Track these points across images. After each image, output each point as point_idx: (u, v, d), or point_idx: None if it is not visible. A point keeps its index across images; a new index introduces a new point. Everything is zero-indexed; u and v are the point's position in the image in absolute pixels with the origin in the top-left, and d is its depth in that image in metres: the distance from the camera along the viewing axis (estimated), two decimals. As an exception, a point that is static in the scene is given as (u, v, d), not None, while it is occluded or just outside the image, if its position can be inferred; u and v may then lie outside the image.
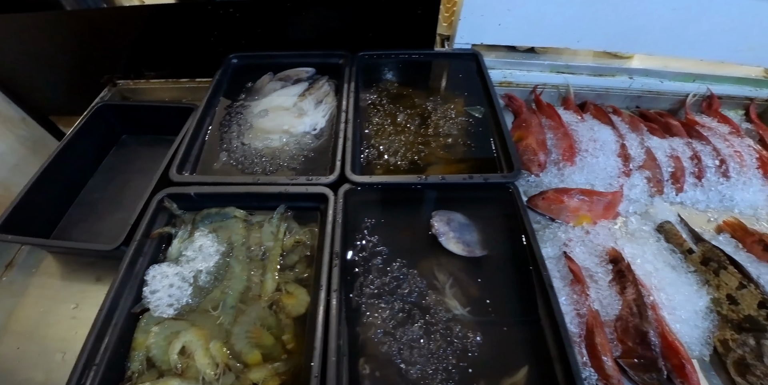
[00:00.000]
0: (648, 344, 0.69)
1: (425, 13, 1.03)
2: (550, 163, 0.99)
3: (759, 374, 0.70)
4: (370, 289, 0.67)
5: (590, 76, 1.15)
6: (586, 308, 0.73)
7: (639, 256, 0.84)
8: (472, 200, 0.79)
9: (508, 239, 0.74)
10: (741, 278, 0.79)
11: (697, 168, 1.00)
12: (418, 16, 1.04)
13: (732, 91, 1.21)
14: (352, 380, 0.60)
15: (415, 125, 0.92)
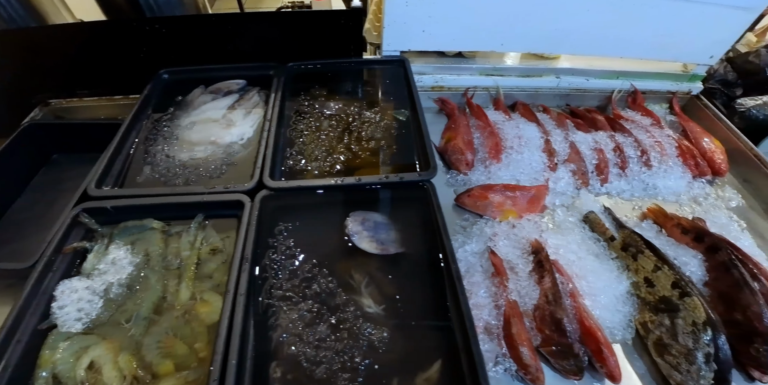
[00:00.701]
0: (563, 331, 0.70)
1: (351, 23, 1.07)
2: (477, 162, 1.01)
3: (675, 353, 0.72)
4: (282, 292, 0.67)
5: (519, 77, 1.20)
6: (503, 299, 0.74)
7: (562, 246, 0.86)
8: (390, 200, 0.81)
9: (424, 236, 0.75)
10: (656, 260, 0.81)
11: (620, 159, 1.04)
12: (345, 26, 1.07)
13: (654, 86, 1.27)
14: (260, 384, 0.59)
15: (341, 131, 0.94)
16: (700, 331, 0.71)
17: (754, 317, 0.75)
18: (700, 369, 0.69)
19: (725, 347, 0.72)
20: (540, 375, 0.68)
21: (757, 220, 1.04)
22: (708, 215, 1.01)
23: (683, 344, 0.71)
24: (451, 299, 0.65)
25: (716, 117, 1.21)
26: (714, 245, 0.85)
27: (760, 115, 1.20)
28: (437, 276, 0.69)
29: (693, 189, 1.06)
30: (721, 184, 1.10)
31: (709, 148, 1.11)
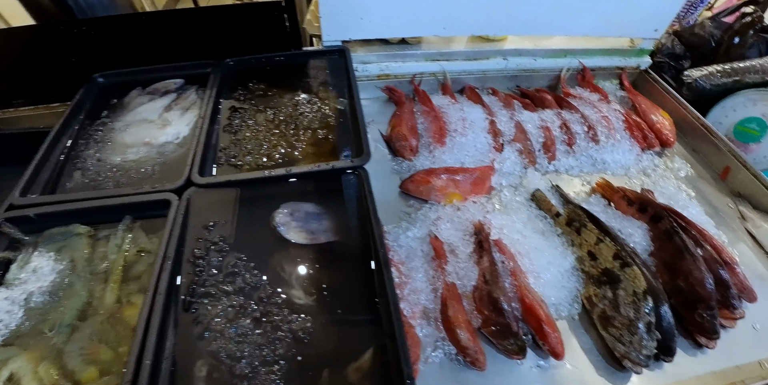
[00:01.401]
0: (501, 310, 0.68)
1: (288, 15, 1.05)
2: (422, 147, 1.00)
3: (618, 324, 0.71)
4: (206, 289, 0.65)
5: (466, 61, 1.19)
6: (441, 282, 0.73)
7: (507, 226, 0.85)
8: (323, 189, 0.79)
9: (358, 224, 0.74)
10: (598, 233, 0.80)
11: (567, 136, 1.03)
12: (282, 19, 1.05)
13: (603, 63, 1.27)
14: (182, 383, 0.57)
15: (278, 124, 0.92)
16: (640, 300, 0.70)
17: (696, 283, 0.75)
18: (642, 339, 0.68)
19: (668, 316, 0.72)
20: (479, 357, 0.66)
21: (706, 187, 1.04)
22: (657, 186, 1.01)
23: (625, 314, 0.70)
24: (378, 286, 0.63)
25: (664, 90, 1.21)
26: (657, 215, 0.84)
27: (706, 85, 1.20)
28: (368, 263, 0.68)
29: (642, 161, 1.06)
30: (670, 155, 1.10)
31: (657, 121, 1.11)
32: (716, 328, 0.73)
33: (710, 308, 0.73)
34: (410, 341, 0.67)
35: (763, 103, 1.11)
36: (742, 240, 0.94)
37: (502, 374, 0.69)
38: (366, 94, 1.18)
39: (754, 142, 1.13)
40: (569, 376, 0.70)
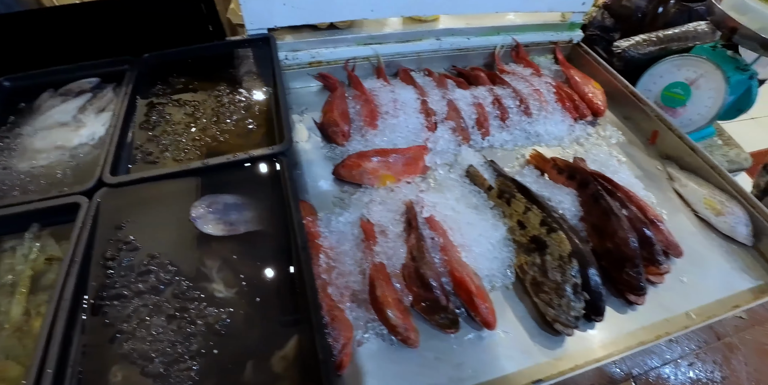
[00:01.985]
0: (428, 285, 0.68)
1: (205, 5, 1.01)
2: (354, 132, 0.98)
3: (547, 289, 0.72)
4: (120, 290, 0.61)
5: (398, 43, 1.17)
6: (369, 263, 0.72)
7: (440, 203, 0.85)
8: (244, 179, 0.76)
9: (280, 211, 0.72)
10: (526, 202, 0.81)
11: (499, 111, 1.04)
12: (200, 10, 1.01)
13: (537, 38, 1.28)
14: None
15: (200, 117, 0.89)
16: (566, 263, 0.71)
17: (621, 242, 0.76)
18: (570, 301, 0.69)
19: (594, 277, 0.73)
20: (411, 334, 0.66)
21: (636, 152, 1.07)
22: (589, 153, 1.02)
23: (553, 279, 0.71)
24: (296, 271, 0.62)
25: (596, 61, 1.24)
26: (584, 180, 0.86)
27: (634, 54, 1.23)
28: (289, 251, 0.66)
29: (575, 131, 1.08)
30: (602, 124, 1.13)
31: (588, 91, 1.13)
32: (643, 284, 0.76)
33: (636, 265, 0.75)
34: (340, 324, 0.66)
35: (686, 68, 1.14)
36: (670, 199, 0.98)
37: (437, 350, 0.69)
38: (300, 83, 1.15)
39: (680, 107, 1.17)
40: (504, 344, 0.71)
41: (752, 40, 0.99)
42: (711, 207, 0.93)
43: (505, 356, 0.69)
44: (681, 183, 0.99)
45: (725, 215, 0.91)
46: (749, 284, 0.85)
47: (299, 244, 0.63)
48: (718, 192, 0.95)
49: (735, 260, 0.89)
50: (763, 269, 0.88)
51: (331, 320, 0.66)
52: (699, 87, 1.12)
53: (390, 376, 0.67)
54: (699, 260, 0.87)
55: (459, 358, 0.69)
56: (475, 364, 0.68)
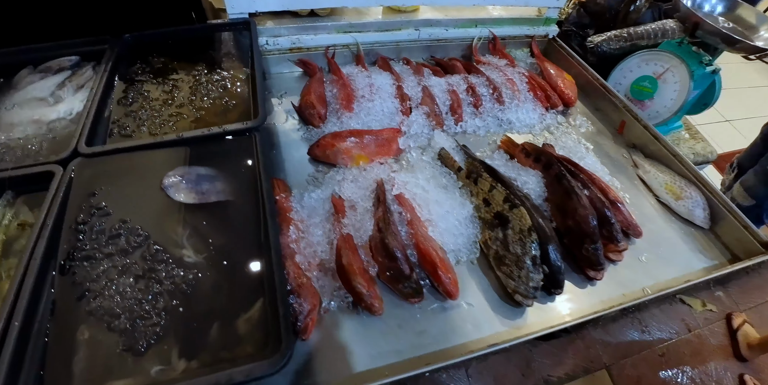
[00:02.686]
0: (392, 254, 0.71)
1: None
2: (331, 114, 1.01)
3: (508, 262, 0.75)
4: (90, 253, 0.63)
5: (378, 32, 1.20)
6: (337, 234, 0.74)
7: (411, 182, 0.87)
8: (217, 153, 0.78)
9: (250, 183, 0.74)
10: (492, 181, 0.84)
11: (473, 98, 1.07)
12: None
13: (513, 32, 1.32)
14: (61, 349, 0.55)
15: (178, 95, 0.90)
16: (525, 237, 0.74)
17: (581, 220, 0.80)
18: (529, 272, 0.72)
19: (554, 251, 0.76)
20: (374, 302, 0.68)
21: (605, 141, 1.11)
22: (558, 141, 1.06)
23: (513, 252, 0.74)
24: (264, 238, 0.64)
25: (569, 55, 1.28)
26: (548, 162, 0.89)
27: (606, 49, 1.28)
28: (258, 220, 0.68)
29: (546, 120, 1.12)
30: (573, 114, 1.17)
31: (560, 83, 1.17)
32: (600, 260, 0.79)
33: (594, 242, 0.79)
34: (306, 292, 0.68)
35: (653, 63, 1.19)
36: (633, 185, 1.02)
37: (401, 318, 0.72)
38: (281, 68, 1.17)
39: (648, 99, 1.22)
40: (466, 314, 0.74)
41: (714, 35, 1.05)
42: (671, 192, 0.98)
43: (466, 326, 0.72)
44: (644, 169, 1.03)
45: (684, 199, 0.96)
46: (704, 264, 0.90)
47: (267, 212, 0.65)
48: (679, 178, 0.99)
49: (692, 242, 0.93)
50: (719, 250, 0.93)
51: (297, 287, 0.68)
52: (665, 81, 1.17)
53: (354, 342, 0.69)
54: (658, 240, 0.92)
55: (421, 326, 0.71)
56: (437, 332, 0.71)
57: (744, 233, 0.90)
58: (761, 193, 1.32)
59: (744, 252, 0.91)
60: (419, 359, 0.67)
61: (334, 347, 0.68)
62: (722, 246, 0.94)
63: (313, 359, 0.67)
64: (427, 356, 0.68)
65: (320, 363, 0.66)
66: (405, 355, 0.68)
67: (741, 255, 0.92)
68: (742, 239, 0.91)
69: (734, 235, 0.92)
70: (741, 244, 0.91)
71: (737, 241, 0.92)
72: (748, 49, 1.03)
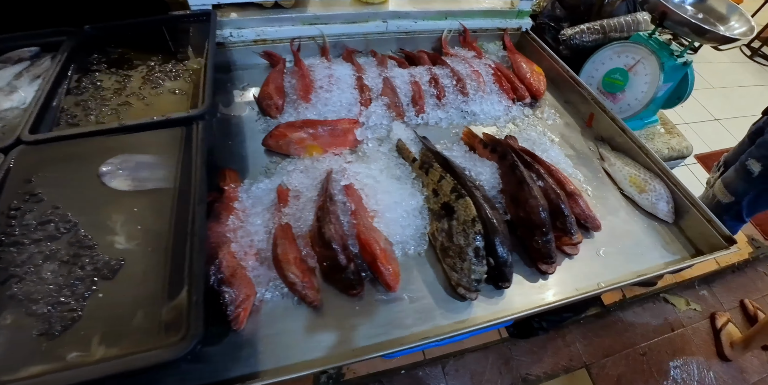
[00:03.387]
0: (329, 244, 0.69)
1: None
2: (289, 105, 1.00)
3: (451, 253, 0.73)
4: (18, 238, 0.62)
5: (344, 24, 1.19)
6: (276, 223, 0.73)
7: (362, 173, 0.86)
8: (162, 140, 0.77)
9: (190, 171, 0.72)
10: (441, 171, 0.82)
11: (436, 89, 1.06)
12: (144, -16, 1.03)
13: (485, 24, 1.30)
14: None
15: (130, 85, 0.90)
16: (469, 227, 0.72)
17: (531, 210, 0.78)
18: (471, 264, 0.70)
19: (500, 243, 0.74)
20: (309, 293, 0.67)
21: (573, 134, 1.09)
22: (523, 133, 1.04)
23: (457, 243, 0.72)
24: (191, 225, 0.63)
25: (541, 48, 1.26)
26: (503, 152, 0.87)
27: (578, 41, 1.26)
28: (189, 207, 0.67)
29: (512, 112, 1.09)
30: (542, 107, 1.15)
31: (528, 75, 1.15)
32: (551, 253, 0.77)
33: (545, 234, 0.77)
34: (240, 281, 0.67)
35: (625, 55, 1.17)
36: (598, 178, 0.99)
37: (339, 311, 0.70)
38: (247, 61, 1.17)
39: (619, 92, 1.19)
40: (407, 307, 0.72)
41: (682, 25, 1.02)
42: (635, 185, 0.95)
43: (406, 319, 0.70)
44: (609, 162, 1.01)
45: (648, 192, 0.93)
46: (665, 258, 0.87)
47: (196, 199, 0.64)
48: (644, 171, 0.97)
49: (655, 235, 0.90)
50: (682, 244, 0.90)
51: (230, 277, 0.66)
52: (636, 73, 1.15)
53: (290, 334, 0.67)
54: (619, 234, 0.89)
55: (359, 319, 0.69)
56: (374, 326, 0.69)
57: (707, 227, 0.88)
58: (740, 189, 1.29)
59: (707, 246, 0.88)
60: (352, 352, 0.65)
61: (269, 337, 0.67)
62: (686, 240, 0.91)
63: (248, 349, 0.66)
64: (360, 349, 0.66)
65: (254, 353, 0.65)
66: (338, 347, 0.66)
67: (704, 249, 0.89)
68: (706, 233, 0.88)
69: (698, 229, 0.90)
70: (704, 238, 0.88)
71: (701, 235, 0.89)
72: (718, 39, 1.00)
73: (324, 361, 0.63)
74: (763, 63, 3.50)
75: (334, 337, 0.67)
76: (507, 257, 0.74)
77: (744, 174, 1.27)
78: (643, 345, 1.83)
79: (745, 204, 1.30)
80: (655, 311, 1.96)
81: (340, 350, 0.66)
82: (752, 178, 1.24)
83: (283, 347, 0.66)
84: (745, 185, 1.27)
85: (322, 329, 0.68)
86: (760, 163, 1.19)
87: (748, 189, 1.27)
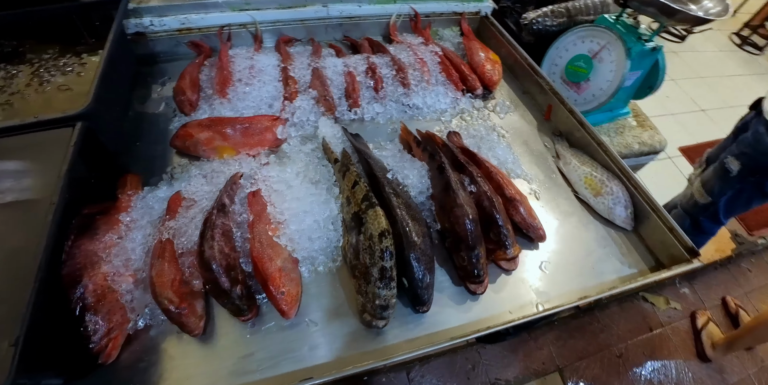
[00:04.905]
0: (209, 267, 0.59)
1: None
2: (204, 101, 0.90)
3: (357, 274, 0.63)
4: None
5: (279, 9, 1.07)
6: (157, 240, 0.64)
7: (275, 177, 0.76)
8: (35, 145, 0.67)
9: (57, 179, 0.63)
10: (356, 175, 0.72)
11: (373, 80, 0.95)
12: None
13: (439, 8, 1.18)
14: None
15: (15, 83, 0.80)
16: (375, 243, 0.62)
17: (456, 221, 0.68)
18: (376, 287, 0.60)
19: (417, 261, 0.63)
20: (186, 320, 0.58)
21: (528, 128, 0.98)
22: (470, 128, 0.94)
23: (363, 261, 0.62)
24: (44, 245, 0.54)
25: (500, 34, 1.14)
26: (432, 152, 0.77)
27: (541, 26, 1.14)
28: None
29: (460, 105, 0.98)
30: (496, 98, 1.04)
31: (482, 63, 1.04)
32: (479, 271, 0.66)
33: (470, 248, 0.66)
34: (107, 307, 0.58)
35: (590, 40, 1.05)
36: (551, 178, 0.89)
37: (228, 339, 0.61)
38: (173, 52, 1.06)
39: (583, 81, 1.08)
40: (305, 335, 0.62)
41: (648, 5, 0.90)
42: (590, 186, 0.85)
43: (302, 349, 0.61)
44: (565, 161, 0.90)
45: (604, 195, 0.83)
46: (620, 272, 0.77)
47: (53, 217, 0.55)
48: (601, 170, 0.86)
49: (610, 245, 0.80)
50: (640, 255, 0.80)
51: (95, 303, 0.57)
52: (601, 60, 1.03)
53: (171, 369, 0.58)
54: (569, 244, 0.79)
55: (249, 349, 0.60)
56: (264, 356, 0.60)
57: (668, 237, 0.77)
58: (716, 188, 1.17)
59: (668, 258, 0.78)
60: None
61: (147, 371, 0.58)
62: (645, 250, 0.81)
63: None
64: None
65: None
66: (224, 382, 0.58)
67: (665, 261, 0.78)
68: (667, 243, 0.77)
69: (658, 238, 0.79)
70: (665, 248, 0.78)
71: (661, 245, 0.79)
72: (689, 19, 0.88)
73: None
74: (752, 52, 3.32)
75: (221, 369, 0.58)
76: (424, 277, 0.64)
77: (722, 172, 1.16)
78: (619, 346, 1.74)
79: (722, 205, 1.19)
80: (633, 311, 1.87)
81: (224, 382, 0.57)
82: (730, 177, 1.13)
83: (163, 381, 0.57)
84: (723, 184, 1.16)
85: (208, 361, 0.59)
86: (738, 162, 1.08)
87: (726, 188, 1.16)
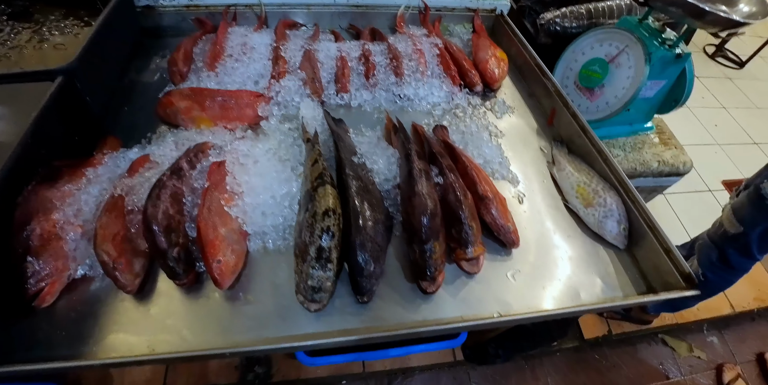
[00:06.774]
0: (149, 226, 0.58)
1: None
2: (194, 73, 0.91)
3: (297, 252, 0.60)
4: None
5: (287, -8, 1.08)
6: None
7: (244, 151, 0.75)
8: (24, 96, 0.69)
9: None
10: (317, 154, 0.69)
11: (365, 67, 0.92)
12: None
13: (451, 3, 1.14)
14: None
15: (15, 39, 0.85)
16: (317, 221, 0.58)
17: (411, 211, 0.64)
18: (310, 267, 0.56)
19: (363, 248, 0.59)
20: (119, 275, 0.57)
21: (527, 131, 0.93)
22: (461, 124, 0.88)
23: (303, 239, 0.59)
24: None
25: (512, 33, 1.08)
26: (404, 140, 0.73)
27: (559, 27, 1.07)
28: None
29: (454, 100, 0.94)
30: (498, 97, 0.98)
31: (486, 60, 0.99)
32: (431, 267, 0.61)
33: (423, 242, 0.61)
34: (50, 253, 0.58)
35: (608, 43, 0.97)
36: (541, 183, 0.82)
37: (162, 305, 0.59)
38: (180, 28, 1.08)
39: (597, 87, 0.99)
40: (238, 310, 0.59)
41: (672, 4, 0.81)
42: (582, 196, 0.77)
43: (230, 323, 0.58)
44: (560, 167, 0.82)
45: (595, 206, 0.75)
46: (601, 295, 0.68)
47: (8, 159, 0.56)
48: (597, 180, 0.78)
49: (596, 263, 0.71)
50: (630, 278, 0.70)
51: (39, 247, 0.58)
52: (618, 65, 0.95)
53: (102, 322, 0.57)
54: (546, 256, 0.71)
55: (177, 315, 0.58)
56: (186, 325, 0.58)
57: (664, 260, 0.68)
58: (748, 217, 1.03)
59: (662, 285, 0.68)
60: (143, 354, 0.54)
61: (78, 322, 0.58)
62: (637, 274, 0.71)
63: (49, 331, 0.57)
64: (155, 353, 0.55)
65: (54, 336, 0.56)
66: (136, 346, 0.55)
67: (657, 288, 0.69)
68: (661, 268, 0.68)
69: (652, 261, 0.70)
70: (659, 275, 0.69)
71: (654, 269, 0.70)
72: (720, 21, 0.79)
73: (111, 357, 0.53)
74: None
75: (142, 336, 0.56)
76: (366, 264, 0.59)
77: (756, 199, 1.01)
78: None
79: (755, 237, 1.04)
80: (648, 353, 1.69)
81: (136, 349, 0.55)
82: (766, 205, 0.99)
83: (85, 335, 0.56)
84: (756, 213, 1.02)
85: (134, 323, 0.57)
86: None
87: (760, 218, 1.01)
